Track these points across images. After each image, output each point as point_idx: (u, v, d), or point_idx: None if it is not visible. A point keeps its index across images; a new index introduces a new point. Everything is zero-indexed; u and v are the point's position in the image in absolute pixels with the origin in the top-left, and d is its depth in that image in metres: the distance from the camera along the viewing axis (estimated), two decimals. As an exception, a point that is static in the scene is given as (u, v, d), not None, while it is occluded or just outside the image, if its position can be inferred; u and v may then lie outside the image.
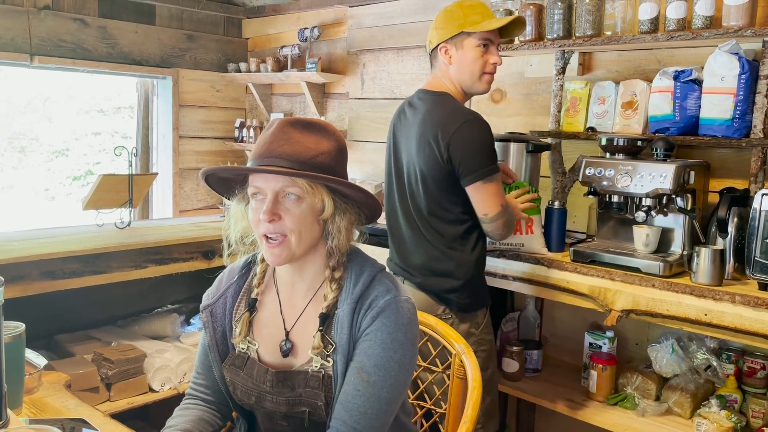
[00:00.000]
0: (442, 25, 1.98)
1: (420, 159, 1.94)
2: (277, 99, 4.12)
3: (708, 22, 2.05)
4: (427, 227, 1.97)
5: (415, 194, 1.98)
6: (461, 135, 1.85)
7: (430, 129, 1.91)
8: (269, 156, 1.17)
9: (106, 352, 2.55)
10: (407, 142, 2.00)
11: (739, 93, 2.02)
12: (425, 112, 1.95)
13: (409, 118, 2.02)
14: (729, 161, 2.23)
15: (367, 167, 3.59)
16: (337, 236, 1.22)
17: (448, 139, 1.86)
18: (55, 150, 8.40)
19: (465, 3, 1.97)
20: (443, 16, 1.99)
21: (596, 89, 2.47)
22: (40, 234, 2.65)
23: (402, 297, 1.22)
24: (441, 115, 1.91)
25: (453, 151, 1.86)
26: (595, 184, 2.14)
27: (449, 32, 1.96)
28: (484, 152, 1.87)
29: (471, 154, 1.86)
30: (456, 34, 1.94)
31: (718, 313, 1.81)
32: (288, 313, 1.29)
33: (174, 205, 3.95)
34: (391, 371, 1.18)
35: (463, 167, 1.87)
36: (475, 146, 1.86)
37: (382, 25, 3.44)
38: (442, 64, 1.99)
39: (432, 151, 1.90)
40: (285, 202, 1.17)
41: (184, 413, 1.34)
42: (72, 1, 3.46)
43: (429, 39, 2.02)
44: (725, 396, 2.04)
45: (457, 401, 1.50)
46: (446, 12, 1.99)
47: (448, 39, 1.96)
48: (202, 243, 2.76)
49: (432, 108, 1.94)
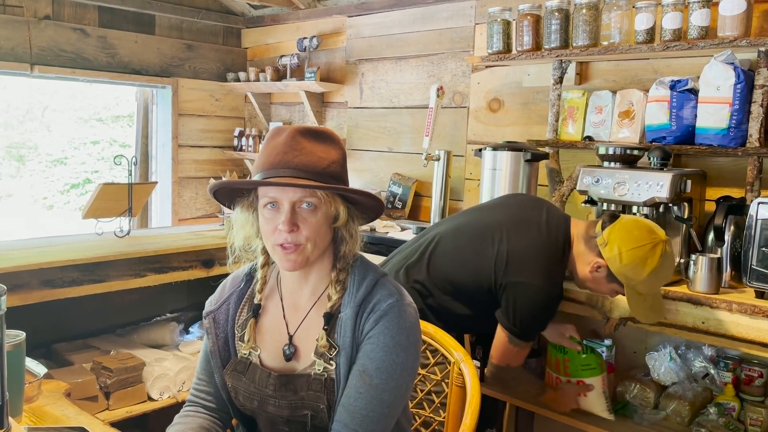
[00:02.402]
0: (630, 259, 1.71)
1: (474, 244, 1.87)
2: (276, 108, 4.14)
3: (704, 33, 2.08)
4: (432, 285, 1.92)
5: (441, 259, 1.92)
6: (525, 291, 1.77)
7: (507, 246, 1.80)
8: (285, 167, 1.17)
9: (105, 361, 2.54)
10: (489, 217, 1.93)
11: (734, 102, 2.04)
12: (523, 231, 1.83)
13: (514, 207, 1.93)
14: (725, 170, 2.24)
15: (366, 175, 3.60)
16: (350, 241, 1.24)
17: (510, 280, 1.78)
18: (54, 159, 8.41)
19: (661, 269, 1.72)
20: (641, 255, 1.70)
21: (593, 99, 2.49)
22: (39, 243, 2.65)
23: (405, 301, 1.23)
24: (530, 252, 1.79)
25: (506, 293, 1.79)
26: (592, 192, 2.15)
27: (624, 275, 1.74)
28: (533, 317, 1.80)
29: (520, 308, 1.78)
30: (619, 281, 1.76)
31: (716, 321, 1.82)
32: (291, 317, 1.30)
33: (173, 214, 3.96)
34: (393, 374, 1.19)
35: (505, 308, 1.80)
36: (527, 307, 1.78)
37: (381, 34, 3.47)
38: (589, 258, 1.80)
39: (487, 260, 1.81)
40: (301, 212, 1.18)
41: (184, 420, 1.34)
42: (72, 11, 3.48)
43: (618, 249, 1.72)
44: (723, 404, 2.05)
45: (456, 410, 1.51)
46: (646, 257, 1.70)
47: (616, 273, 1.75)
48: (201, 252, 2.76)
49: (535, 235, 1.82)
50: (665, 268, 1.73)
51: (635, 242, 1.71)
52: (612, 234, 1.75)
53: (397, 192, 3.36)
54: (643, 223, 1.77)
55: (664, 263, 1.71)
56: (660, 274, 1.73)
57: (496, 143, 2.61)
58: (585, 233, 1.83)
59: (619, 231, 1.74)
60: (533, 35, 2.48)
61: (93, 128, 8.39)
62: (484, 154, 2.56)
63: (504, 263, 1.80)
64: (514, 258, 1.79)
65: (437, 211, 3.05)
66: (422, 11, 3.26)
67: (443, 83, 3.10)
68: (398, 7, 3.35)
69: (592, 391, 2.07)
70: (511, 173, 2.48)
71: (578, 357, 2.11)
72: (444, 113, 3.16)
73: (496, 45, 2.60)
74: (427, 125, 2.99)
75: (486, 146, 2.58)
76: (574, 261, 1.84)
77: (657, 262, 1.69)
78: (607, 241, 1.75)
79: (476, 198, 2.95)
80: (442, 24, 3.18)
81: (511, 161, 2.47)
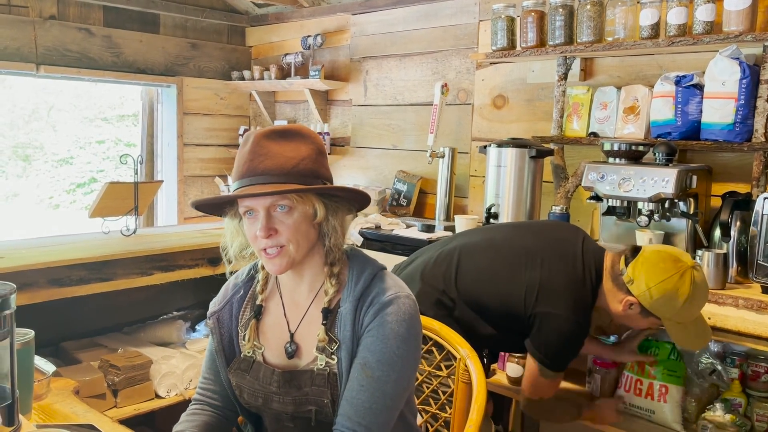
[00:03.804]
0: (660, 293, 1.65)
1: (507, 264, 1.81)
2: (280, 106, 4.15)
3: (708, 28, 2.07)
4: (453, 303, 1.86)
5: (468, 273, 1.85)
6: (555, 322, 1.71)
7: (541, 274, 1.75)
8: (252, 174, 1.18)
9: (113, 359, 2.56)
10: (525, 239, 1.87)
11: (740, 97, 2.03)
12: (559, 263, 1.77)
13: (551, 234, 1.87)
14: (731, 165, 2.24)
15: (371, 173, 3.60)
16: (333, 235, 1.24)
17: (540, 310, 1.73)
18: (59, 158, 8.44)
19: (695, 297, 1.65)
20: (671, 287, 1.64)
21: (598, 95, 2.48)
22: (46, 242, 2.66)
23: (403, 294, 1.24)
24: (561, 283, 1.74)
25: (536, 323, 1.74)
26: (597, 189, 2.15)
27: (658, 310, 1.68)
28: (564, 347, 1.74)
29: (551, 338, 1.73)
30: (655, 315, 1.70)
31: (722, 316, 1.81)
32: (292, 315, 1.31)
33: (178, 212, 3.97)
34: (394, 366, 1.19)
35: (536, 338, 1.75)
36: (557, 336, 1.73)
37: (385, 32, 3.47)
38: (619, 296, 1.74)
39: (518, 287, 1.76)
40: (278, 215, 1.19)
41: (191, 419, 1.35)
42: (77, 11, 3.49)
43: (646, 285, 1.66)
44: (730, 400, 2.04)
45: (462, 406, 1.51)
46: (677, 287, 1.64)
47: (650, 308, 1.69)
48: (207, 250, 2.77)
49: (570, 266, 1.76)
50: (699, 294, 1.66)
51: (662, 275, 1.64)
52: (636, 270, 1.68)
53: (402, 189, 3.36)
54: (666, 253, 1.70)
55: (696, 290, 1.64)
56: (695, 301, 1.66)
57: (500, 140, 2.61)
58: (611, 269, 1.76)
59: (643, 265, 1.68)
60: (537, 31, 2.47)
61: (98, 128, 8.42)
62: (489, 151, 2.56)
63: (535, 292, 1.75)
64: (546, 287, 1.74)
65: (442, 208, 3.05)
66: (426, 8, 3.26)
67: (447, 80, 3.10)
68: (402, 5, 3.35)
69: (668, 403, 2.02)
70: (516, 170, 2.48)
71: (667, 360, 2.08)
72: (448, 110, 3.16)
73: (501, 42, 2.60)
74: (432, 122, 2.99)
75: (491, 143, 2.58)
76: (605, 298, 1.77)
77: (689, 291, 1.62)
78: (633, 278, 1.68)
79: (481, 195, 2.95)
80: (446, 21, 3.18)
81: (516, 158, 2.48)
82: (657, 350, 2.13)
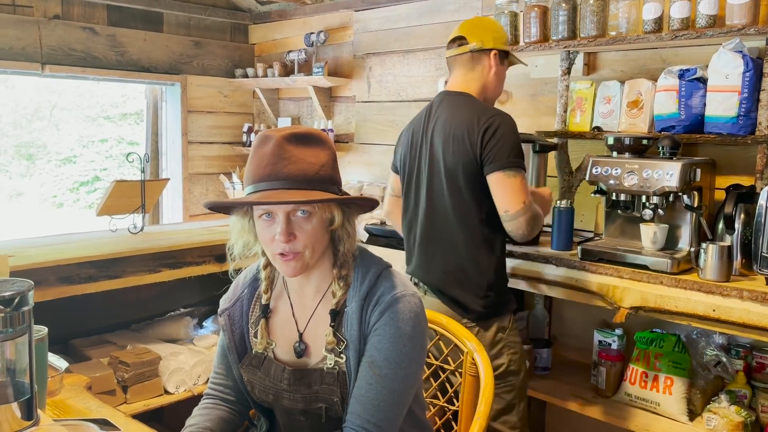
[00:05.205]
0: (498, 36, 2.03)
1: (449, 157, 1.91)
2: (284, 103, 4.16)
3: (712, 21, 2.08)
4: (451, 231, 1.94)
5: (440, 196, 1.96)
6: (492, 127, 1.86)
7: (461, 125, 1.90)
8: (275, 179, 1.18)
9: (122, 356, 2.58)
10: (433, 143, 1.98)
11: (743, 90, 2.04)
12: (454, 110, 1.95)
13: (436, 119, 2.00)
14: (735, 158, 2.25)
15: (375, 170, 3.61)
16: (347, 241, 1.27)
17: (479, 132, 1.86)
18: (63, 157, 8.47)
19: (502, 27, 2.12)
20: (498, 28, 2.06)
21: (601, 89, 2.49)
22: (55, 240, 2.68)
23: (408, 292, 1.26)
24: (473, 111, 1.91)
25: (483, 143, 1.86)
26: (602, 183, 2.16)
27: (502, 45, 2.02)
28: (510, 145, 1.85)
29: (497, 143, 1.85)
30: (505, 50, 2.03)
31: (727, 309, 1.83)
32: (300, 315, 1.33)
33: (184, 210, 3.99)
34: (401, 364, 1.21)
35: (487, 156, 1.85)
36: (502, 138, 1.85)
37: (388, 28, 3.47)
38: (485, 67, 2.01)
39: (464, 147, 1.88)
40: (297, 220, 1.20)
41: (203, 412, 1.37)
42: (81, 11, 3.51)
43: (480, 38, 2.00)
44: (735, 391, 2.06)
45: (469, 398, 1.53)
46: (498, 26, 2.08)
47: (500, 50, 2.01)
48: (214, 247, 2.79)
49: (462, 106, 1.96)
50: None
51: (487, 22, 2.08)
52: (473, 37, 2.00)
53: (406, 185, 3.37)
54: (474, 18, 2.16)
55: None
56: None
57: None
58: (463, 77, 2.03)
59: (474, 33, 2.01)
60: (540, 26, 2.48)
61: (101, 126, 8.44)
62: (493, 146, 2.57)
63: (470, 131, 1.88)
64: (473, 122, 1.89)
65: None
66: (429, 4, 3.27)
67: (451, 76, 3.11)
68: (405, 1, 3.36)
69: (673, 395, 2.06)
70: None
71: (672, 352, 2.10)
72: (452, 106, 3.16)
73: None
74: (436, 118, 3.00)
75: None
76: (487, 85, 2.02)
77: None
78: (481, 41, 1.99)
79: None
80: (449, 17, 3.19)
81: (520, 152, 2.48)
82: (662, 343, 2.14)
